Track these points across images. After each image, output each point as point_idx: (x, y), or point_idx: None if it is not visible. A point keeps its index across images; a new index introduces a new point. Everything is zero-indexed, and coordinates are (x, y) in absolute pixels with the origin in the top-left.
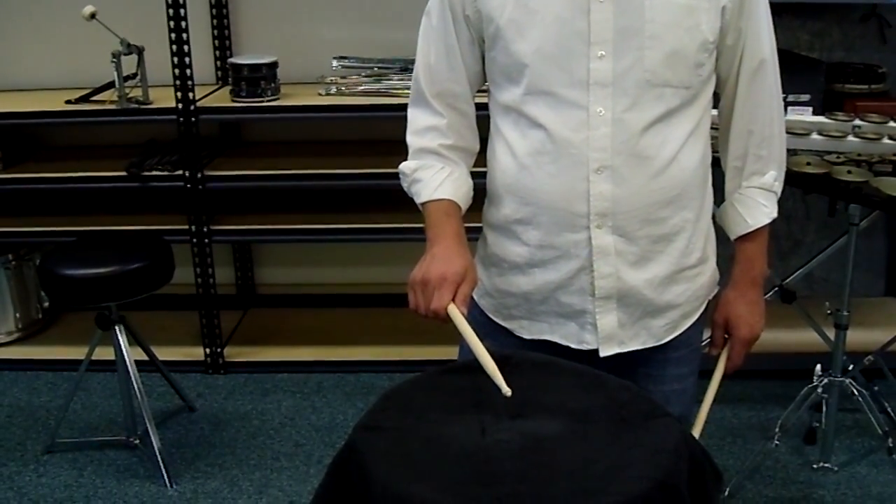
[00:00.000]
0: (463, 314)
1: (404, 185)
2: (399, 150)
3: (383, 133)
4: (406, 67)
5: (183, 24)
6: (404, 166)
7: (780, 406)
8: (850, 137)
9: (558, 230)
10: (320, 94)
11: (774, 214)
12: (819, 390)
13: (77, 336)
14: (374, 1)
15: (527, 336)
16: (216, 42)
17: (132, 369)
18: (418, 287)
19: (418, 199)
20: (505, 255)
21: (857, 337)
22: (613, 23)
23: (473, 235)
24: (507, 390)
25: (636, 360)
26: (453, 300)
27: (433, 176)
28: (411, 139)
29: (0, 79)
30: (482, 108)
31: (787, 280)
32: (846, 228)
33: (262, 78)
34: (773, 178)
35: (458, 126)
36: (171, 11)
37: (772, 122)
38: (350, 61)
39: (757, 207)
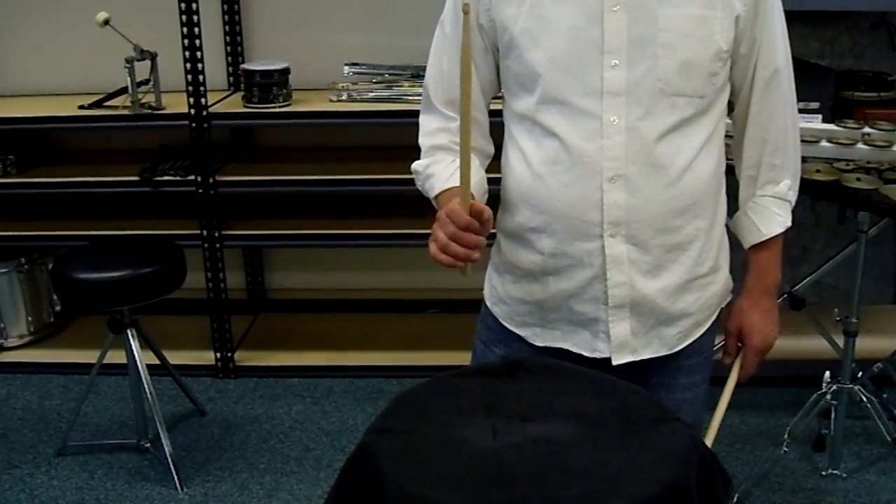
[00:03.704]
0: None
1: (418, 183)
2: (410, 156)
3: (394, 139)
4: (417, 74)
5: (196, 30)
6: (417, 164)
7: (789, 413)
8: (860, 145)
9: (572, 239)
10: (332, 101)
11: (788, 223)
12: (828, 397)
13: (89, 340)
14: (385, 8)
15: (539, 343)
16: (228, 48)
17: (143, 373)
18: (436, 226)
19: (431, 194)
20: (519, 262)
21: (866, 344)
22: (627, 32)
23: (487, 242)
24: None
25: (648, 368)
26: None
27: (445, 168)
28: (423, 140)
29: (14, 84)
30: (496, 115)
31: (797, 287)
32: (855, 236)
33: (273, 84)
34: (788, 186)
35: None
36: (184, 18)
37: (786, 131)
38: (361, 68)
39: (771, 216)
